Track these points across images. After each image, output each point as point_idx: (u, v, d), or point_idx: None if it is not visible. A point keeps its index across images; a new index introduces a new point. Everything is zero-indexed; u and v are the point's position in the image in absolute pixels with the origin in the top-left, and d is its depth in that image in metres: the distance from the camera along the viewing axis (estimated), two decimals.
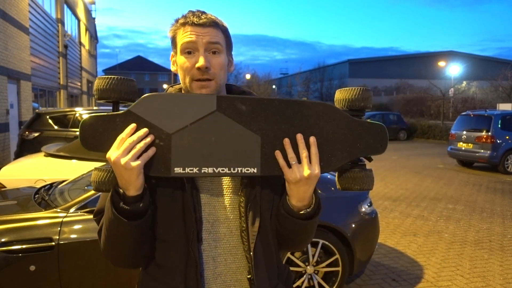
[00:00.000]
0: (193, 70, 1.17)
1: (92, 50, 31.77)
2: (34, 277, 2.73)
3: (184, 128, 1.06)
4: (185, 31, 1.18)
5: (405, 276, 4.29)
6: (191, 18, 1.18)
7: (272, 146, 1.09)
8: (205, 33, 1.17)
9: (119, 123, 1.05)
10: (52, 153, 5.59)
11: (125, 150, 1.02)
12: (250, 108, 1.09)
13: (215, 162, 1.06)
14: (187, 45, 1.17)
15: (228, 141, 1.07)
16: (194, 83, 1.18)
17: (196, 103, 1.07)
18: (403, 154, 15.19)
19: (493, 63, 40.44)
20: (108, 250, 1.18)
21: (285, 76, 59.54)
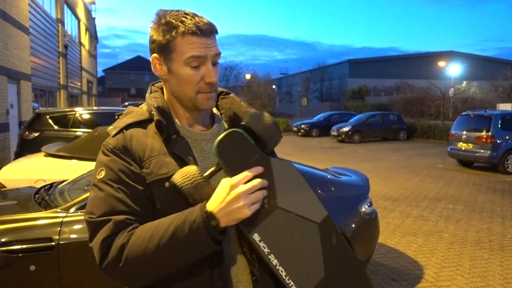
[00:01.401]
0: (200, 83, 1.16)
1: (92, 50, 31.78)
2: (34, 277, 2.73)
3: (289, 212, 1.09)
4: (190, 41, 1.13)
5: (405, 276, 4.29)
6: (196, 26, 1.13)
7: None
8: (211, 44, 1.15)
9: (255, 159, 1.08)
10: (52, 153, 5.59)
11: (251, 189, 1.04)
12: (337, 247, 1.14)
13: (283, 259, 1.08)
14: (195, 59, 1.14)
15: (304, 255, 1.10)
16: (199, 95, 1.18)
17: (311, 203, 1.13)
18: (403, 154, 15.19)
19: (493, 63, 40.44)
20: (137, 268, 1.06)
21: (285, 76, 59.54)
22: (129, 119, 1.22)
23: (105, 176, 1.14)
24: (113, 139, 1.19)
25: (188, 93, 1.17)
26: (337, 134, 20.37)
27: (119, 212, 1.10)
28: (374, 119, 21.20)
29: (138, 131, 1.19)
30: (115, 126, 1.23)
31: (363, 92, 38.03)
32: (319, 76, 46.98)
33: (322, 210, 1.14)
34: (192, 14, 1.16)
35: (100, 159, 1.19)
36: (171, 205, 1.11)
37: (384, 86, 38.10)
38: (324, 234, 1.12)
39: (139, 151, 1.17)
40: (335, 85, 45.12)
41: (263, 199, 1.06)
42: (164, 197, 1.13)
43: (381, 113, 22.24)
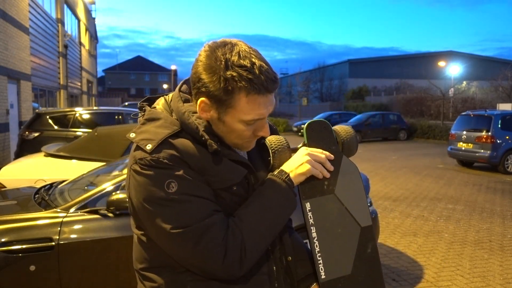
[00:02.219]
0: (250, 137, 1.17)
1: (92, 50, 31.77)
2: (34, 277, 2.73)
3: (341, 203, 1.23)
4: (255, 103, 1.08)
5: (405, 276, 4.29)
6: (265, 86, 1.07)
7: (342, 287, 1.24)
8: (271, 102, 1.13)
9: (332, 149, 1.26)
10: (52, 153, 5.59)
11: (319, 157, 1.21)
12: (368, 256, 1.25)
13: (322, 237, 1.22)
14: (255, 121, 1.13)
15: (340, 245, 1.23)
16: (245, 142, 1.19)
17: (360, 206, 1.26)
18: (403, 154, 15.19)
19: (493, 63, 40.45)
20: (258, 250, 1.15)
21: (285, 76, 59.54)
22: (163, 130, 1.13)
23: (179, 187, 1.08)
24: (162, 153, 1.09)
25: (235, 142, 1.18)
26: None
27: (212, 212, 1.10)
28: (374, 119, 21.20)
29: (183, 143, 1.12)
30: (146, 138, 1.12)
31: (363, 92, 38.02)
32: (319, 76, 46.96)
33: (368, 218, 1.25)
34: (259, 65, 1.07)
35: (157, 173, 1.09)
36: (232, 208, 1.16)
37: (384, 86, 38.10)
38: (362, 239, 1.23)
39: (196, 162, 1.12)
40: (335, 85, 45.11)
41: (324, 180, 1.22)
42: (232, 199, 1.17)
43: (381, 113, 22.24)
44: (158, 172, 1.09)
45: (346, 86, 42.49)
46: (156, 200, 1.08)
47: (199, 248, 1.07)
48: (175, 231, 1.07)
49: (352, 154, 1.31)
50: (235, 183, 1.16)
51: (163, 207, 1.08)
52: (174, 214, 1.08)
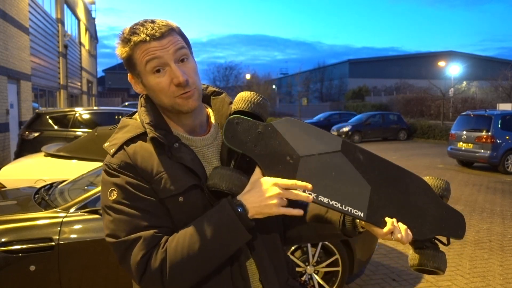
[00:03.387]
0: (171, 88, 1.11)
1: (92, 50, 31.78)
2: (34, 277, 2.73)
3: (311, 155, 1.16)
4: (143, 49, 1.10)
5: (405, 276, 4.29)
6: (145, 32, 1.09)
7: (378, 199, 1.19)
8: (167, 43, 1.10)
9: (260, 129, 1.15)
10: (52, 153, 5.59)
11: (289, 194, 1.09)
12: (366, 160, 1.20)
13: (331, 194, 1.15)
14: (153, 64, 1.10)
15: (344, 181, 1.17)
16: (178, 99, 1.13)
17: (324, 138, 1.19)
18: (403, 154, 15.19)
19: (493, 63, 40.45)
20: (182, 278, 1.06)
21: (285, 76, 59.54)
22: (126, 134, 1.17)
23: (118, 196, 1.11)
24: (115, 158, 1.14)
25: (166, 101, 1.14)
26: (337, 134, 20.36)
27: (145, 228, 1.08)
28: (374, 119, 21.20)
29: (141, 146, 1.15)
30: (112, 143, 1.17)
31: (363, 92, 38.02)
32: (319, 76, 46.97)
33: (336, 139, 1.20)
34: (142, 22, 1.12)
35: (107, 179, 1.14)
36: (186, 219, 1.12)
37: (384, 86, 38.09)
38: (349, 156, 1.19)
39: (146, 167, 1.12)
40: (335, 85, 45.11)
41: (286, 157, 1.13)
42: (179, 212, 1.13)
43: (381, 113, 22.25)
44: (107, 178, 1.14)
45: (346, 86, 42.49)
46: (103, 205, 1.14)
47: (123, 262, 1.09)
48: (108, 240, 1.11)
49: (267, 111, 1.24)
50: (178, 193, 1.12)
51: (105, 213, 1.13)
52: (109, 222, 1.11)
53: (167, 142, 1.13)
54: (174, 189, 1.11)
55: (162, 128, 1.17)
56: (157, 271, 1.05)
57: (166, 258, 1.05)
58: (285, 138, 1.16)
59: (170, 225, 1.12)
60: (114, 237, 1.09)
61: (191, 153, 1.17)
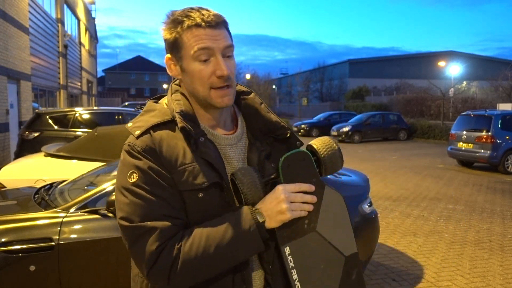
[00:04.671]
0: (212, 78, 1.11)
1: (92, 50, 31.78)
2: (34, 277, 2.73)
3: (324, 239, 1.15)
4: (195, 34, 1.09)
5: (405, 276, 4.29)
6: (201, 18, 1.09)
7: None
8: (218, 35, 1.10)
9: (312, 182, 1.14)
10: (52, 153, 5.58)
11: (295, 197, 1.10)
12: (355, 283, 1.19)
13: (303, 277, 1.13)
14: (202, 52, 1.09)
15: (324, 279, 1.15)
16: (213, 92, 1.12)
17: (345, 234, 1.20)
18: (403, 154, 15.19)
19: (493, 63, 40.44)
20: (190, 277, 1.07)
21: (285, 76, 59.53)
22: (153, 118, 1.15)
23: (139, 179, 1.08)
24: (140, 141, 1.12)
25: (201, 90, 1.13)
26: (337, 134, 20.36)
27: (161, 217, 1.07)
28: (374, 119, 21.19)
29: (168, 134, 1.13)
30: (137, 125, 1.15)
31: (363, 92, 38.01)
32: (319, 76, 46.96)
33: (353, 246, 1.19)
34: (198, 8, 1.12)
35: (128, 161, 1.11)
36: (201, 214, 1.11)
37: (384, 86, 38.08)
38: (347, 268, 1.17)
39: (170, 156, 1.11)
40: (335, 85, 45.10)
41: (305, 219, 1.12)
42: (195, 206, 1.11)
43: (381, 113, 22.24)
44: (129, 159, 1.12)
45: (346, 86, 42.48)
46: (119, 186, 1.12)
47: (134, 248, 1.07)
48: (121, 222, 1.08)
49: (336, 170, 1.22)
50: (199, 189, 1.10)
51: (121, 194, 1.10)
52: (125, 204, 1.08)
53: (195, 135, 1.12)
54: (196, 184, 1.10)
55: (191, 119, 1.15)
56: (167, 265, 1.04)
57: (179, 255, 1.05)
58: (320, 206, 1.14)
59: (184, 218, 1.11)
60: (128, 220, 1.07)
61: (216, 151, 1.16)
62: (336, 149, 1.20)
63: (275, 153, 1.23)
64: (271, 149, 1.23)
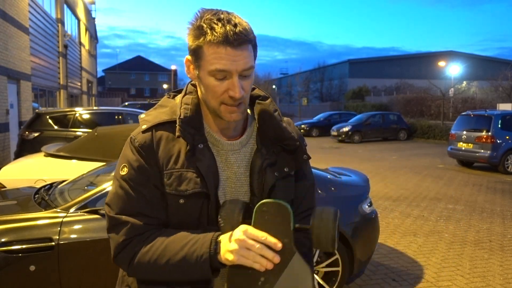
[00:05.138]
0: (224, 95, 1.10)
1: (92, 50, 31.78)
2: (34, 277, 2.73)
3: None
4: (216, 51, 1.06)
5: (405, 276, 4.29)
6: (226, 35, 1.04)
7: None
8: (239, 56, 1.07)
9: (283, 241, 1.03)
10: (52, 153, 5.58)
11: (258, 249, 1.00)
12: None
13: None
14: (218, 72, 1.08)
15: None
16: (223, 107, 1.12)
17: None
18: (403, 154, 15.19)
19: (493, 63, 40.45)
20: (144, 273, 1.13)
21: (285, 76, 59.53)
22: (162, 116, 1.19)
23: (127, 174, 1.15)
24: (141, 136, 1.16)
25: (212, 103, 1.13)
26: (337, 134, 20.37)
27: (136, 214, 1.14)
28: (374, 119, 21.19)
29: (168, 134, 1.16)
30: (146, 119, 1.19)
31: (363, 92, 38.01)
32: (319, 76, 46.96)
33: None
34: (227, 20, 1.07)
35: (125, 153, 1.18)
36: (180, 219, 1.15)
37: (384, 86, 38.08)
38: None
39: (164, 157, 1.15)
40: (335, 85, 45.10)
41: (261, 275, 1.03)
42: (175, 210, 1.15)
43: (381, 113, 22.25)
44: (126, 152, 1.18)
45: (346, 86, 42.47)
46: (115, 174, 1.20)
47: (109, 234, 1.17)
48: (105, 207, 1.18)
49: (324, 249, 1.08)
50: (181, 195, 1.13)
51: (113, 182, 1.19)
52: (112, 193, 1.17)
53: (193, 142, 1.15)
54: (179, 190, 1.14)
55: (194, 126, 1.17)
56: (128, 257, 1.13)
57: (138, 254, 1.12)
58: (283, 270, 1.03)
59: (162, 218, 1.16)
60: (109, 209, 1.16)
61: (211, 159, 1.16)
62: (332, 232, 1.04)
63: (281, 162, 1.22)
64: (277, 158, 1.21)
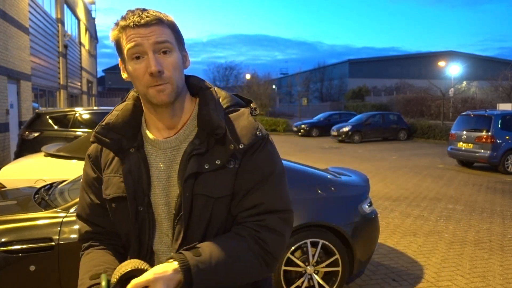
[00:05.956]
0: (145, 76, 1.09)
1: (92, 50, 31.78)
2: (34, 277, 2.73)
3: None
4: (127, 35, 1.09)
5: (405, 276, 4.29)
6: (132, 19, 1.09)
7: None
8: (149, 33, 1.08)
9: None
10: (52, 153, 5.58)
11: None
12: None
13: None
14: (133, 50, 1.09)
15: None
16: (150, 90, 1.10)
17: None
18: (403, 154, 15.19)
19: (493, 63, 40.46)
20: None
21: (285, 76, 59.51)
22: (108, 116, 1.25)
23: (82, 181, 1.29)
24: (92, 144, 1.27)
25: (141, 89, 1.12)
26: (337, 134, 20.37)
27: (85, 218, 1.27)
28: (374, 119, 21.20)
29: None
30: (99, 125, 1.23)
31: (363, 92, 38.03)
32: (319, 76, 46.96)
33: None
34: (137, 10, 1.12)
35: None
36: (119, 223, 1.21)
37: (384, 86, 38.10)
38: None
39: (103, 163, 1.23)
40: (335, 85, 45.12)
41: None
42: (112, 216, 1.22)
43: (381, 113, 22.25)
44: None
45: (346, 86, 42.49)
46: None
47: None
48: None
49: None
50: (108, 199, 1.20)
51: None
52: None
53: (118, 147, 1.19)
54: (106, 194, 1.21)
55: (119, 131, 1.19)
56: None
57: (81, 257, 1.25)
58: None
59: (106, 226, 1.24)
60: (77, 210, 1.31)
61: (136, 164, 1.18)
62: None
63: (213, 153, 1.15)
64: (209, 149, 1.15)
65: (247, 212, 1.15)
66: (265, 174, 1.17)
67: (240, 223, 1.16)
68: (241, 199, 1.15)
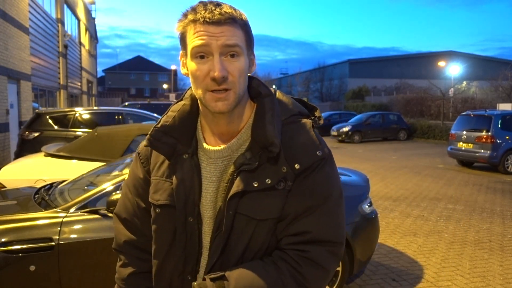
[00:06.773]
0: (206, 79, 1.00)
1: (92, 50, 31.77)
2: (34, 277, 2.73)
3: None
4: (195, 30, 1.00)
5: (405, 276, 4.29)
6: (202, 14, 0.99)
7: None
8: (219, 33, 0.98)
9: None
10: (52, 153, 5.58)
11: None
12: None
13: None
14: (198, 49, 0.99)
15: None
16: (208, 94, 1.01)
17: None
18: (403, 154, 15.19)
19: (493, 63, 40.44)
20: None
21: (285, 76, 59.50)
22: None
23: (127, 179, 1.26)
24: (143, 142, 1.19)
25: (199, 93, 1.03)
26: (337, 134, 20.36)
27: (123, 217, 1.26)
28: (374, 119, 21.19)
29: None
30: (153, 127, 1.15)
31: (363, 92, 38.00)
32: (319, 76, 46.93)
33: None
34: (210, 3, 1.02)
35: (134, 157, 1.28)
36: (158, 231, 1.16)
37: (384, 86, 38.06)
38: None
39: (152, 164, 1.18)
40: (335, 85, 45.08)
41: None
42: (154, 220, 1.16)
43: (381, 113, 22.24)
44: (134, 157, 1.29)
45: (346, 86, 42.45)
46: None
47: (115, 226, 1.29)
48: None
49: None
50: (155, 205, 1.15)
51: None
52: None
53: (172, 152, 1.12)
54: (153, 198, 1.15)
55: (174, 135, 1.11)
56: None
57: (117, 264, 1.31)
58: None
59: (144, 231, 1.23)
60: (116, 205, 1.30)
61: (189, 172, 1.10)
62: None
63: (263, 171, 1.05)
64: (259, 165, 1.05)
65: (291, 239, 1.05)
66: (319, 199, 1.07)
67: (282, 249, 1.06)
68: (288, 223, 1.05)
